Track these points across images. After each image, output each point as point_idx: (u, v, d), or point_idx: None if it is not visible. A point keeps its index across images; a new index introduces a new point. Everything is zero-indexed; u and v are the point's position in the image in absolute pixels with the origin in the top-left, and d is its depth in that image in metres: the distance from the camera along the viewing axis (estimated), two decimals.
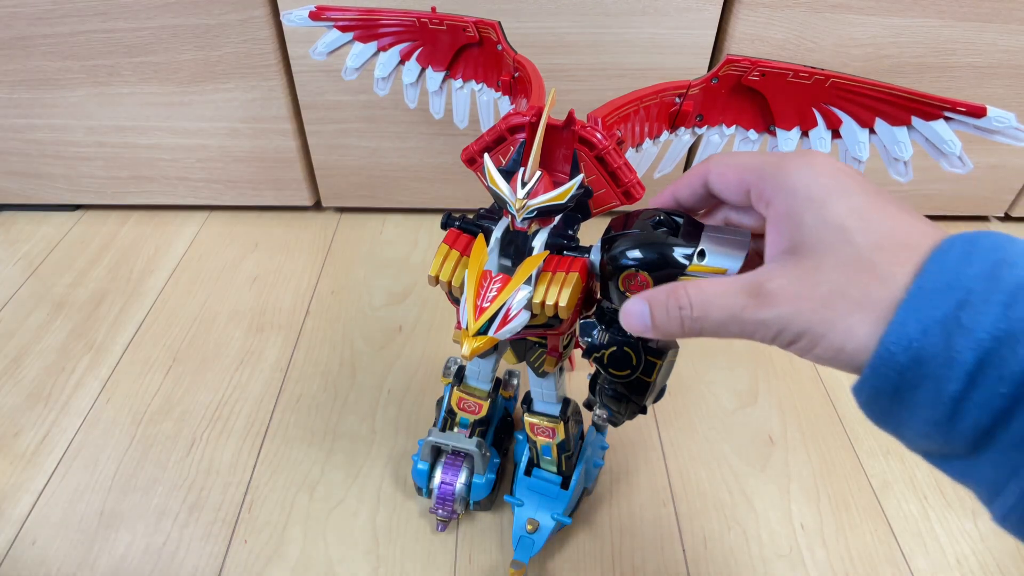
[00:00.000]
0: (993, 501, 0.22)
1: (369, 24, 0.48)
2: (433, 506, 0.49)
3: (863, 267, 0.23)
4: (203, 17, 0.68)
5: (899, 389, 0.22)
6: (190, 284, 0.75)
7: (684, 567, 0.49)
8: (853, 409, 0.61)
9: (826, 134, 0.39)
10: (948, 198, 0.85)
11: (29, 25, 0.70)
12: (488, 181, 0.33)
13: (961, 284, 0.21)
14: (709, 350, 0.67)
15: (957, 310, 0.21)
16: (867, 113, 0.38)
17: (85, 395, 0.62)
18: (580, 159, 0.35)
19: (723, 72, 0.39)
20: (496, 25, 0.45)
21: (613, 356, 0.34)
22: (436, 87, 0.50)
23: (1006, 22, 0.69)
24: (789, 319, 0.24)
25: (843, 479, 0.55)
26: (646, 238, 0.29)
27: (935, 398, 0.21)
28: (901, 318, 0.21)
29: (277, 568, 0.49)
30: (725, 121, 0.41)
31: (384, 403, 0.61)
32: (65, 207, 0.86)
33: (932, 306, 0.21)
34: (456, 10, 0.47)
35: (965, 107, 0.34)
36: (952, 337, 0.20)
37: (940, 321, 0.21)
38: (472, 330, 0.30)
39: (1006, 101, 0.75)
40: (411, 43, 0.49)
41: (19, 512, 0.52)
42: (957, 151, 0.36)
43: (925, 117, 0.36)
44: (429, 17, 0.47)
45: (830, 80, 0.38)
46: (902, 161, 0.38)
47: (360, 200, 0.85)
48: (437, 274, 0.34)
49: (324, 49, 0.49)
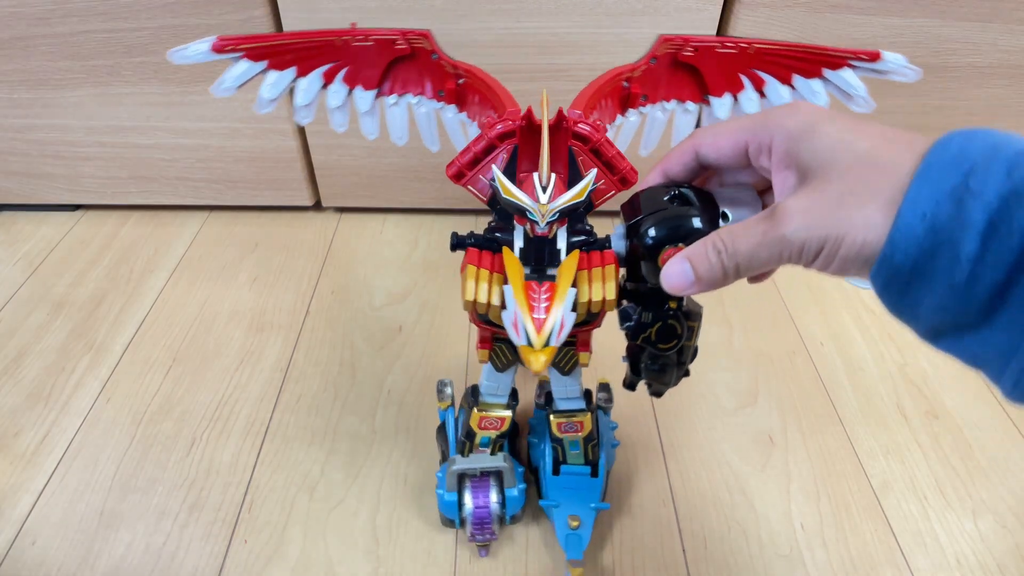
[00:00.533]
0: (1004, 371, 0.23)
1: (283, 49, 0.42)
2: (470, 534, 0.47)
3: (866, 166, 0.24)
4: (203, 17, 0.68)
5: (917, 262, 0.23)
6: (190, 284, 0.75)
7: (684, 567, 0.49)
8: (853, 409, 0.61)
9: (754, 95, 0.44)
10: None
11: (29, 25, 0.70)
12: (503, 192, 0.32)
13: (966, 157, 0.22)
14: (709, 350, 0.67)
15: (965, 178, 0.22)
16: (785, 72, 0.43)
17: (85, 395, 0.62)
18: (576, 154, 0.35)
19: (660, 52, 0.42)
20: (428, 34, 0.43)
21: (660, 332, 0.36)
22: (367, 107, 0.46)
23: (1006, 22, 0.69)
24: (807, 229, 0.25)
25: (843, 479, 0.55)
26: (673, 214, 0.31)
27: (952, 263, 0.22)
28: (913, 194, 0.23)
29: (277, 568, 0.49)
30: (666, 97, 0.45)
31: (384, 403, 0.61)
32: (65, 207, 0.86)
33: (941, 179, 0.22)
34: (454, 12, 0.47)
35: (864, 54, 0.41)
36: (963, 202, 0.22)
37: (950, 191, 0.22)
38: (539, 344, 0.29)
39: (1006, 101, 0.75)
40: (334, 64, 0.44)
41: (19, 512, 0.52)
42: (863, 93, 0.43)
43: (834, 67, 0.42)
44: (352, 34, 0.43)
45: (753, 47, 0.42)
46: None
47: (360, 200, 0.85)
48: (475, 298, 0.32)
49: (232, 83, 0.42)
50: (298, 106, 0.44)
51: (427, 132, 0.47)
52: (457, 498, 0.47)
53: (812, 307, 0.73)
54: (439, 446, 0.53)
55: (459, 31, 0.68)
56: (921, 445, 0.58)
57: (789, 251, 0.26)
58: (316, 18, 0.68)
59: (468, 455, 0.47)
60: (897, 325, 0.24)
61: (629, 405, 0.61)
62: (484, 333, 0.39)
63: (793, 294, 0.75)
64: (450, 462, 0.47)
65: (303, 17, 0.68)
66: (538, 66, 0.71)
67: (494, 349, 0.41)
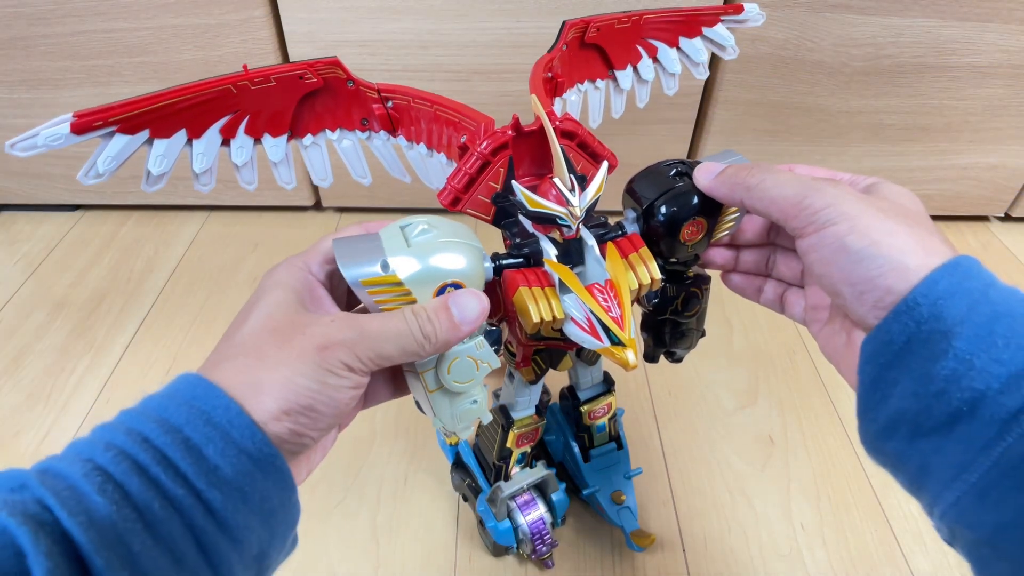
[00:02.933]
0: (951, 484, 0.23)
1: (166, 111, 0.35)
2: (532, 550, 0.47)
3: (913, 233, 0.25)
4: (203, 17, 0.68)
5: (911, 341, 0.23)
6: (190, 284, 0.75)
7: (684, 567, 0.49)
8: (853, 409, 0.61)
9: (649, 62, 0.48)
10: (948, 198, 0.85)
11: (29, 25, 0.70)
12: (530, 206, 0.31)
13: (987, 274, 0.24)
14: (709, 350, 0.67)
15: (986, 288, 0.23)
16: (671, 36, 0.48)
17: (85, 395, 0.62)
18: (567, 151, 0.35)
19: (570, 37, 0.43)
20: (338, 61, 0.38)
21: (684, 300, 0.38)
22: (280, 156, 0.40)
23: (1006, 22, 0.69)
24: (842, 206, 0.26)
25: (843, 479, 0.55)
26: (685, 189, 0.33)
27: (941, 354, 0.23)
28: (934, 277, 0.23)
29: (277, 568, 0.49)
30: (580, 79, 0.46)
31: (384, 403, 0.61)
32: (65, 207, 0.86)
33: (964, 277, 0.23)
34: (454, 12, 0.46)
35: (731, 8, 0.49)
36: (978, 306, 0.23)
37: (969, 291, 0.23)
38: (627, 339, 0.29)
39: (1006, 101, 0.75)
40: (231, 116, 0.37)
41: None
42: (731, 43, 0.50)
43: (709, 25, 0.49)
44: (248, 77, 0.36)
45: (642, 17, 0.46)
46: (702, 64, 0.50)
47: (360, 200, 0.85)
48: (543, 318, 0.31)
49: (106, 167, 0.36)
50: (196, 173, 0.38)
51: (356, 166, 0.43)
52: (510, 523, 0.46)
53: None
54: (457, 485, 0.51)
55: (459, 31, 0.68)
56: None
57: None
58: (316, 18, 0.68)
59: (507, 479, 0.46)
60: None
61: (629, 405, 0.61)
62: (527, 352, 0.38)
63: None
64: (495, 491, 0.45)
65: (303, 17, 0.68)
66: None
67: (532, 362, 0.40)
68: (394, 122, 0.40)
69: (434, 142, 0.40)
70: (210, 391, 0.23)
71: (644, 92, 0.50)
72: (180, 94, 0.35)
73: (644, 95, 0.50)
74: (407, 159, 0.42)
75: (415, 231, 0.29)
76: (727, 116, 0.77)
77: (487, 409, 0.36)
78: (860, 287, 0.25)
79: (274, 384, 0.23)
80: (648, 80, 0.49)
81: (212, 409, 0.22)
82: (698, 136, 0.80)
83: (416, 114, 0.39)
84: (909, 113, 0.76)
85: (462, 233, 0.31)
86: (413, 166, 0.42)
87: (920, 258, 0.24)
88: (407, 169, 0.43)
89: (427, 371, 0.32)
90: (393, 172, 0.43)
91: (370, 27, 0.69)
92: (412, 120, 0.40)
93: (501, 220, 0.36)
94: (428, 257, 0.28)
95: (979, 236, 0.86)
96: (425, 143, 0.40)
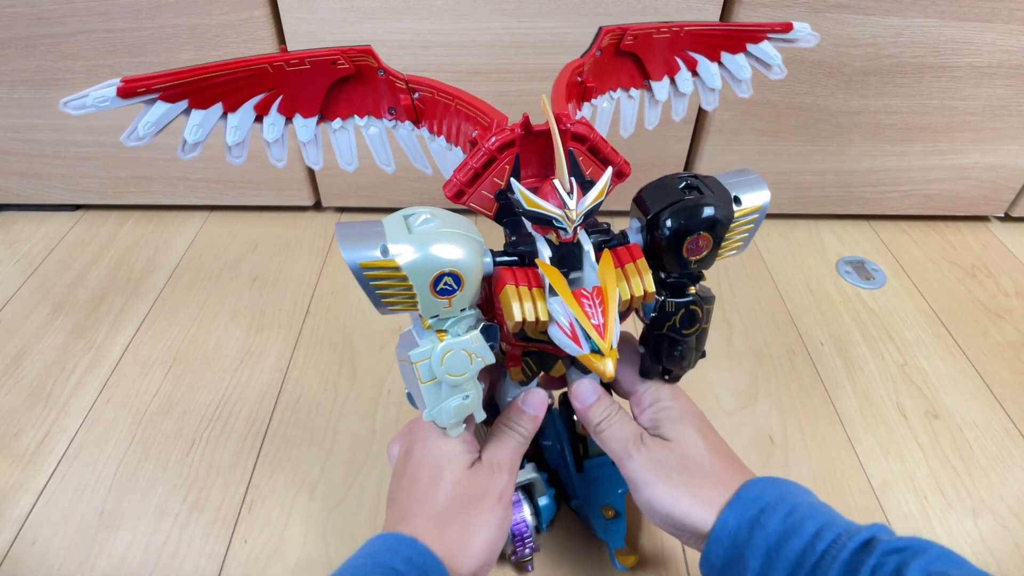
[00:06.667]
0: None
1: (206, 84, 0.37)
2: (513, 552, 0.46)
3: (713, 477, 0.37)
4: (203, 17, 0.68)
5: (725, 562, 0.34)
6: (190, 284, 0.75)
7: (684, 567, 0.49)
8: (853, 409, 0.61)
9: (687, 75, 0.47)
10: (948, 198, 0.85)
11: (30, 25, 0.70)
12: (527, 205, 0.31)
13: (762, 499, 0.35)
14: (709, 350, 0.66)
15: (759, 514, 0.34)
16: (713, 50, 0.47)
17: (85, 395, 0.62)
18: (576, 154, 0.35)
19: (604, 43, 0.43)
20: (370, 50, 0.39)
21: (683, 317, 0.37)
22: (309, 136, 0.42)
23: (1006, 22, 0.69)
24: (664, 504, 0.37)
25: (843, 479, 0.55)
26: (693, 203, 0.32)
27: (744, 572, 0.33)
28: (725, 515, 0.35)
29: (277, 568, 0.49)
30: (612, 87, 0.45)
31: (384, 403, 0.61)
32: (65, 207, 0.87)
33: (745, 510, 0.34)
34: (454, 12, 0.46)
35: (778, 26, 0.47)
36: (754, 532, 0.33)
37: (748, 521, 0.34)
38: (607, 349, 0.29)
39: (1006, 101, 0.76)
40: (266, 94, 0.39)
41: (19, 512, 0.52)
42: (778, 61, 0.47)
43: (754, 42, 0.47)
44: (285, 59, 0.38)
45: (684, 29, 0.45)
46: (745, 82, 0.48)
47: (360, 200, 0.85)
48: (525, 318, 0.30)
49: (147, 131, 0.37)
50: (229, 145, 0.40)
51: (381, 153, 0.44)
52: None
53: (812, 307, 0.73)
54: None
55: (459, 31, 0.68)
56: (921, 445, 0.58)
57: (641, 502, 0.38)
58: (316, 18, 0.68)
59: None
60: (897, 325, 0.24)
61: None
62: (515, 351, 0.38)
63: (793, 294, 0.75)
64: None
65: (303, 17, 0.68)
66: (537, 66, 0.71)
67: (523, 363, 0.40)
68: (419, 113, 0.42)
69: (452, 136, 0.40)
70: (425, 555, 0.34)
71: (681, 106, 0.48)
72: (220, 68, 0.37)
73: (681, 108, 0.48)
74: (429, 151, 0.43)
75: (418, 220, 0.30)
76: (727, 116, 0.77)
77: (481, 405, 0.36)
78: (675, 531, 0.37)
79: (478, 543, 0.35)
80: (686, 93, 0.47)
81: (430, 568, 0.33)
82: (698, 136, 0.80)
83: (440, 107, 0.40)
84: (909, 113, 0.77)
85: (464, 225, 0.31)
86: (434, 158, 0.43)
87: (701, 515, 0.35)
88: (429, 162, 0.43)
89: (422, 361, 0.32)
90: (416, 163, 0.44)
91: (370, 27, 0.69)
92: (436, 113, 0.41)
93: (503, 217, 0.36)
94: (428, 246, 0.29)
95: (979, 236, 0.86)
96: (444, 137, 0.41)
